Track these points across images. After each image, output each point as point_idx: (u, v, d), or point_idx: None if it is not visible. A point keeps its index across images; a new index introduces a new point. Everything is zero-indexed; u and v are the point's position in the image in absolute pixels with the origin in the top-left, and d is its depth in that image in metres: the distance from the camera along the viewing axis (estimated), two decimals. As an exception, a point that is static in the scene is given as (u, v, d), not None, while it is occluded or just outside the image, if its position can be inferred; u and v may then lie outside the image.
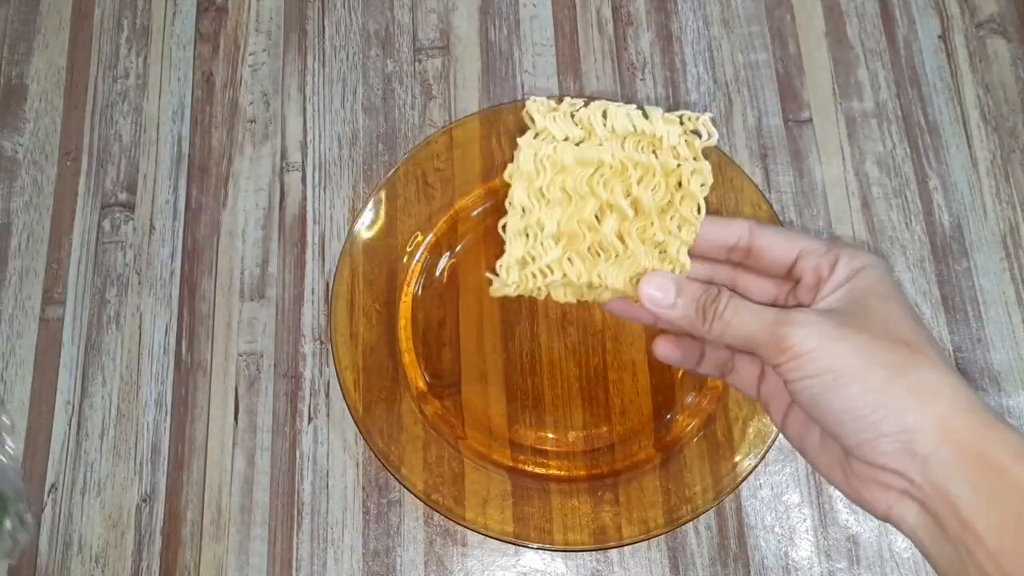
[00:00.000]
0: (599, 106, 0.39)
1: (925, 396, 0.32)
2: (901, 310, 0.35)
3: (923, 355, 0.33)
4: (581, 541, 0.54)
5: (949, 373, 0.33)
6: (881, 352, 0.33)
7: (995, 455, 0.31)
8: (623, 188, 0.39)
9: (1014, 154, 0.65)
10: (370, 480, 0.58)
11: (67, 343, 0.61)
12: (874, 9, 0.69)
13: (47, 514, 0.58)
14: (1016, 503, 0.30)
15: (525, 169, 0.40)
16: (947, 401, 0.32)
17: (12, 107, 0.67)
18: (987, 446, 0.31)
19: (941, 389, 0.32)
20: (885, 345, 0.33)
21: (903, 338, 0.34)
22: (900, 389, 0.32)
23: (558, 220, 0.39)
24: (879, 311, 0.35)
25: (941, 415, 0.32)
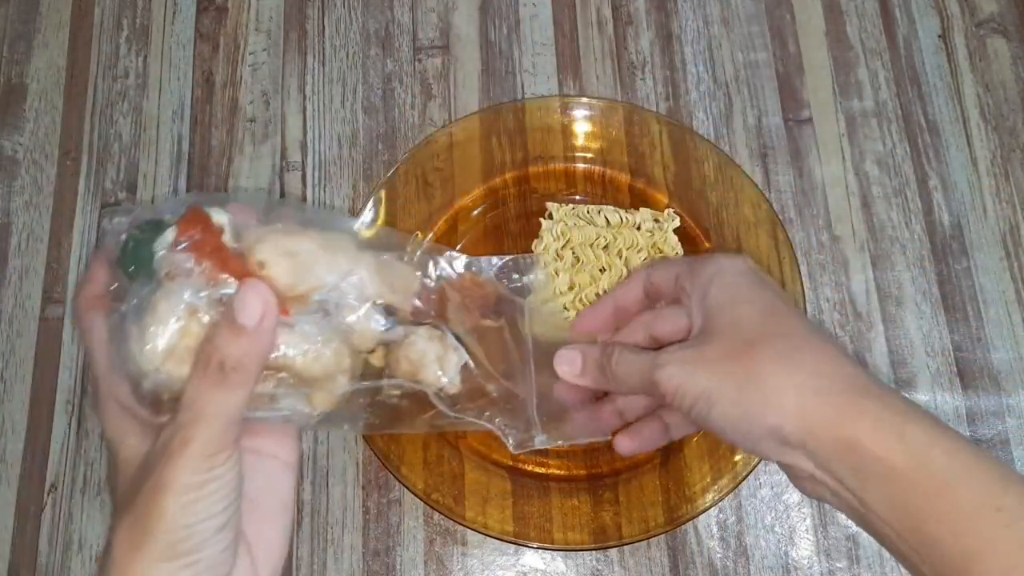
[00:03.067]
0: (597, 208, 0.59)
1: (774, 397, 0.34)
2: (749, 308, 0.37)
3: (766, 353, 0.35)
4: (581, 540, 0.54)
5: (797, 360, 0.35)
6: (729, 365, 0.35)
7: (857, 432, 0.32)
8: (616, 252, 0.57)
9: (1014, 153, 0.65)
10: (370, 480, 0.58)
11: (67, 343, 0.61)
12: (874, 8, 0.69)
13: (47, 514, 0.58)
14: (889, 479, 0.32)
15: (546, 239, 0.57)
16: (798, 395, 0.34)
17: (12, 107, 0.67)
18: (847, 423, 0.33)
19: (787, 386, 0.34)
20: (732, 357, 0.36)
21: (748, 339, 0.36)
22: (753, 397, 0.34)
23: (570, 274, 0.56)
24: (726, 319, 0.37)
25: (794, 411, 0.33)
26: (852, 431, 0.32)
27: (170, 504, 0.30)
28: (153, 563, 0.30)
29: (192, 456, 0.30)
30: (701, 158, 0.62)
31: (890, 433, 0.32)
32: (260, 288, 0.33)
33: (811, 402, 0.33)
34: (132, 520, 0.31)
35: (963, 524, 0.30)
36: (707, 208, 0.61)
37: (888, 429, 0.32)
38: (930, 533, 0.31)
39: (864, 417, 0.32)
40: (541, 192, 0.63)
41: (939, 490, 0.31)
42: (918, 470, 0.31)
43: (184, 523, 0.30)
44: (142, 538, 0.30)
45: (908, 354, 0.60)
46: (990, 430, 0.59)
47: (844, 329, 0.61)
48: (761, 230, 0.59)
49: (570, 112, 0.63)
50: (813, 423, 0.33)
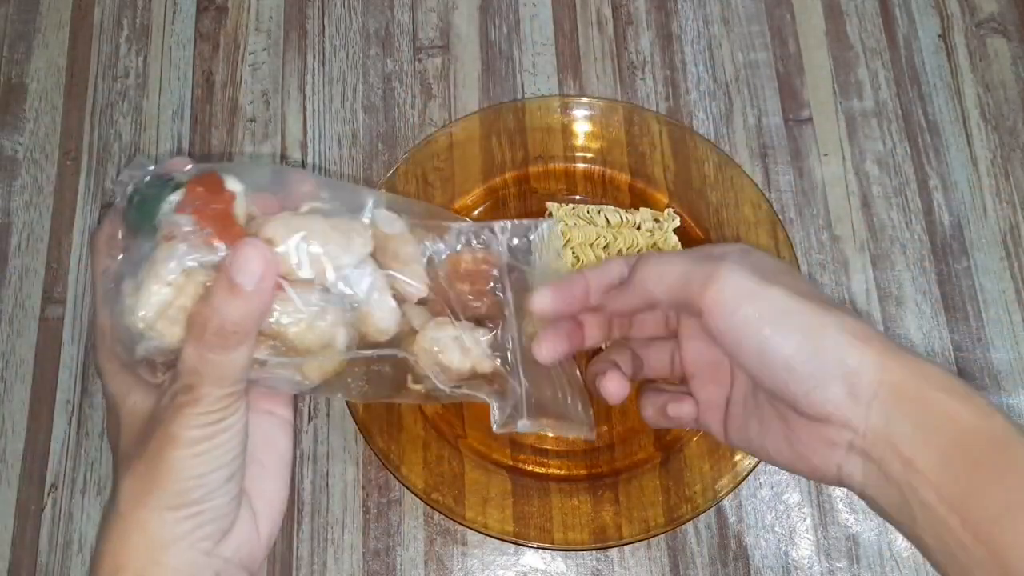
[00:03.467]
0: (597, 207, 0.60)
1: (859, 337, 0.33)
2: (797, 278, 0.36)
3: (842, 307, 0.34)
4: (581, 540, 0.54)
5: (863, 324, 0.34)
6: (807, 300, 0.33)
7: (927, 391, 0.32)
8: (616, 252, 0.58)
9: (1014, 153, 0.65)
10: (370, 480, 0.58)
11: (67, 342, 0.61)
12: (874, 8, 0.69)
13: (47, 514, 0.58)
14: (951, 433, 0.32)
15: None
16: (879, 343, 0.33)
17: (12, 106, 0.67)
18: (920, 383, 0.32)
19: (870, 332, 0.33)
20: (809, 295, 0.34)
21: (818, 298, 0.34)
22: (836, 331, 0.33)
23: None
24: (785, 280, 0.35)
25: (876, 356, 0.33)
26: (927, 387, 0.32)
27: (178, 456, 0.31)
28: (159, 511, 0.31)
29: (199, 412, 0.31)
30: (701, 158, 0.62)
31: (961, 395, 0.32)
32: (259, 246, 0.32)
33: (890, 353, 0.33)
34: (138, 472, 0.31)
35: (1013, 478, 0.31)
36: (707, 208, 0.61)
37: (959, 392, 0.32)
38: (978, 483, 0.31)
39: (935, 377, 0.33)
40: (541, 192, 0.63)
41: (997, 446, 0.31)
42: (983, 427, 0.32)
43: (192, 474, 0.31)
44: (149, 488, 0.31)
45: (908, 354, 0.60)
46: (990, 430, 0.59)
47: (844, 329, 0.61)
48: (761, 230, 0.59)
49: (570, 112, 0.63)
50: (893, 373, 0.32)
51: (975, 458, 0.31)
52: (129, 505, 0.31)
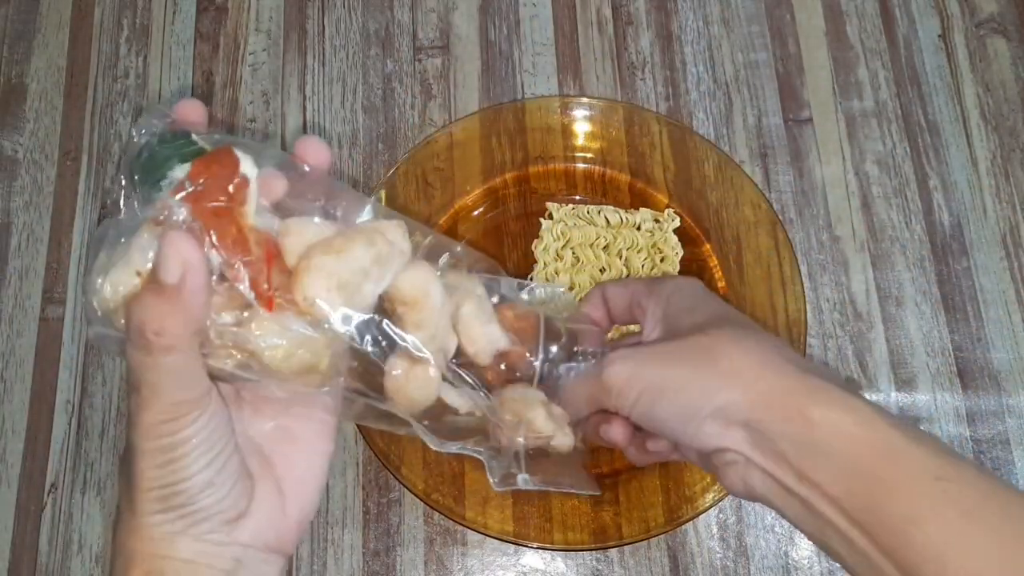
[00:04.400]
0: (597, 208, 0.61)
1: (728, 374, 0.35)
2: (705, 311, 0.39)
3: (721, 337, 0.36)
4: (581, 540, 0.54)
5: (751, 343, 0.36)
6: (684, 352, 0.36)
7: (806, 406, 0.33)
8: (616, 253, 0.59)
9: (1014, 153, 0.65)
10: (370, 480, 0.58)
11: (67, 343, 0.61)
12: (874, 9, 0.69)
13: (47, 514, 0.58)
14: (838, 447, 0.32)
15: (547, 240, 0.59)
16: (751, 371, 0.34)
17: (12, 107, 0.67)
18: (794, 400, 0.33)
19: (742, 363, 0.35)
20: (687, 345, 0.36)
21: (703, 330, 0.37)
22: (705, 374, 0.35)
23: (570, 274, 0.59)
24: (684, 321, 0.38)
25: (747, 386, 0.34)
26: (805, 403, 0.33)
27: (143, 467, 0.29)
28: (148, 516, 0.30)
29: (147, 423, 0.29)
30: (701, 158, 0.62)
31: (840, 406, 0.33)
32: (182, 243, 0.28)
33: (766, 376, 0.34)
34: (124, 474, 0.31)
35: (906, 489, 0.31)
36: (707, 208, 0.61)
37: (839, 402, 0.33)
38: (874, 497, 0.32)
39: (815, 391, 0.33)
40: (541, 192, 0.63)
41: (886, 457, 0.32)
42: (866, 438, 0.32)
43: (162, 483, 0.30)
44: (131, 496, 0.30)
45: (908, 354, 0.60)
46: (990, 430, 0.59)
47: (844, 329, 0.61)
48: (761, 230, 0.59)
49: (570, 112, 0.63)
50: (767, 396, 0.34)
51: (865, 471, 0.32)
52: (124, 510, 0.31)
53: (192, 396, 0.30)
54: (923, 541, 0.30)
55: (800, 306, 0.57)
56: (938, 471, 0.31)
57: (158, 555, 0.30)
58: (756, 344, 0.36)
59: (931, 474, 0.31)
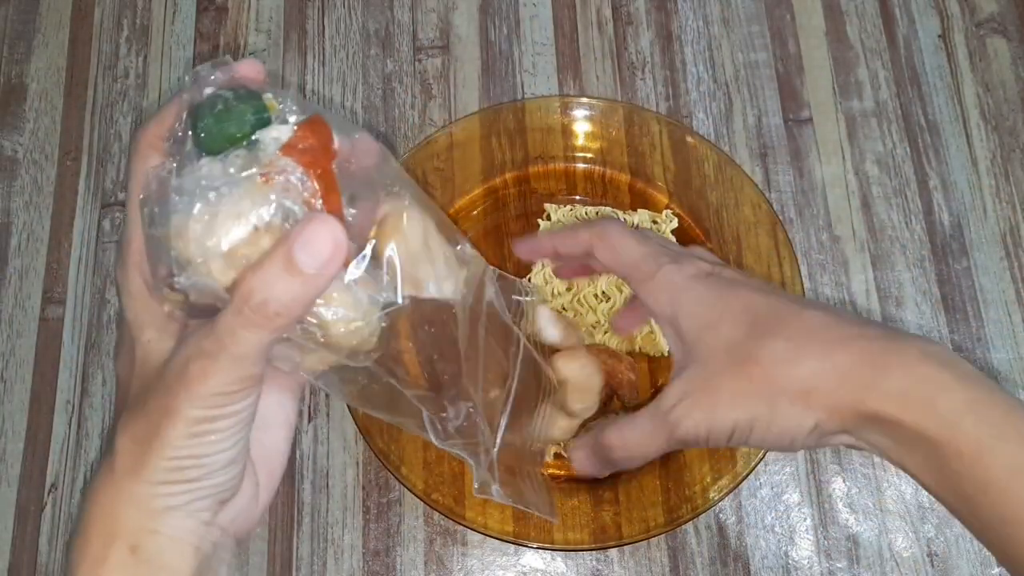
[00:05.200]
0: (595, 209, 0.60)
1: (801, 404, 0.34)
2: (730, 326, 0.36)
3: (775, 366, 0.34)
4: (581, 540, 0.54)
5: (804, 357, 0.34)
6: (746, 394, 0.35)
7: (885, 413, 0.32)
8: None
9: (1014, 153, 0.65)
10: (370, 480, 0.58)
11: (67, 343, 0.61)
12: (874, 8, 0.69)
13: (47, 514, 0.58)
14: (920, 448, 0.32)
15: None
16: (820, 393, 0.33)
17: (12, 106, 0.67)
18: (873, 406, 0.32)
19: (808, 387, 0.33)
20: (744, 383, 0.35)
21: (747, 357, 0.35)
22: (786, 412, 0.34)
23: None
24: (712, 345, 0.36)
25: (825, 407, 0.33)
26: (884, 408, 0.32)
27: (175, 434, 0.28)
28: (152, 485, 0.29)
29: (207, 392, 0.28)
30: (701, 158, 0.62)
31: (921, 405, 0.32)
32: (332, 225, 0.27)
33: (837, 393, 0.33)
34: (136, 435, 0.29)
35: (998, 491, 0.30)
36: (707, 208, 0.61)
37: (918, 402, 0.32)
38: (967, 497, 0.31)
39: (891, 394, 0.32)
40: (541, 192, 0.63)
41: (973, 457, 0.31)
42: (952, 439, 0.31)
43: (188, 454, 0.29)
44: (142, 460, 0.29)
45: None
46: (990, 430, 0.59)
47: (844, 329, 0.61)
48: (761, 230, 0.59)
49: (570, 112, 0.63)
50: (846, 412, 0.33)
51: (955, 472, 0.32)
52: (123, 470, 0.29)
53: (258, 372, 0.29)
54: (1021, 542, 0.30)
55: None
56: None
57: (146, 528, 0.29)
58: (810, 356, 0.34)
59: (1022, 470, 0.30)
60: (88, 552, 0.29)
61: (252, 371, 0.28)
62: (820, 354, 0.34)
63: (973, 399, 0.31)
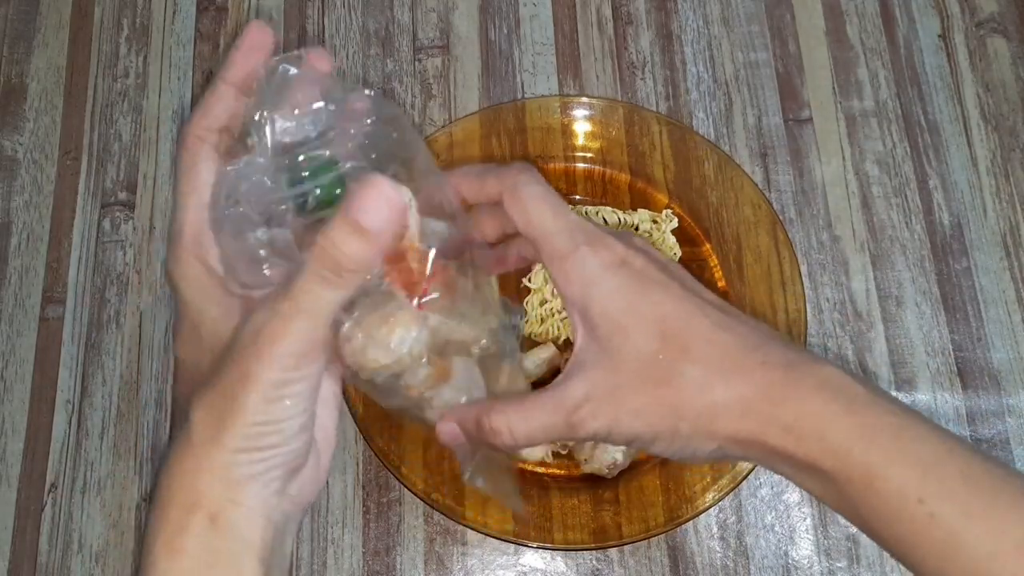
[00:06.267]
0: (595, 209, 0.61)
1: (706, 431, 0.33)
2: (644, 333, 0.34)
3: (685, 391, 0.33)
4: (581, 540, 0.54)
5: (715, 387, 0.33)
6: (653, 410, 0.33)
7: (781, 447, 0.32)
8: None
9: (1014, 153, 0.65)
10: (370, 479, 0.58)
11: (67, 342, 0.61)
12: (874, 8, 0.69)
13: (47, 513, 0.58)
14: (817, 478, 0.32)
15: None
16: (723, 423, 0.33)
17: (12, 106, 0.67)
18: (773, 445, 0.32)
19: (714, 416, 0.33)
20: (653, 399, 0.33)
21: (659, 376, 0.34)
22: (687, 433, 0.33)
23: None
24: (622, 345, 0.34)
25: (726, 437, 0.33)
26: (781, 444, 0.32)
27: (252, 399, 0.29)
28: (232, 453, 0.30)
29: (283, 353, 0.29)
30: (701, 158, 0.62)
31: (813, 439, 0.32)
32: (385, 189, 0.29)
33: (738, 425, 0.33)
34: (213, 405, 0.30)
35: (890, 518, 0.30)
36: (707, 208, 0.61)
37: (809, 436, 0.32)
38: (864, 521, 0.31)
39: (785, 429, 0.32)
40: (541, 192, 0.63)
41: (864, 484, 0.31)
42: (842, 469, 0.31)
43: (265, 419, 0.30)
44: (221, 427, 0.30)
45: (908, 354, 0.60)
46: (990, 430, 0.59)
47: (844, 329, 0.61)
48: (761, 230, 0.59)
49: (570, 112, 0.63)
50: (747, 444, 0.33)
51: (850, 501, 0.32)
52: (202, 440, 0.30)
53: (326, 336, 0.30)
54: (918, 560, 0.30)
55: (800, 306, 0.57)
56: (920, 491, 0.30)
57: (225, 498, 0.30)
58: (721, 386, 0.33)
59: (913, 497, 0.30)
60: (167, 521, 0.30)
61: (323, 332, 0.30)
62: (725, 385, 0.33)
63: (861, 425, 0.31)
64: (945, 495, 0.30)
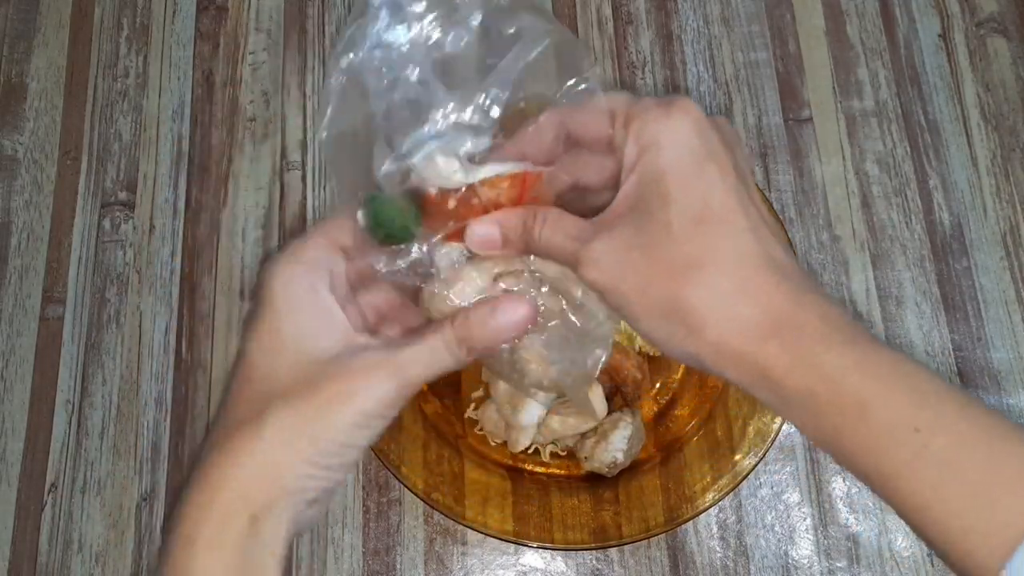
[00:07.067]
0: None
1: (695, 330, 0.32)
2: (683, 206, 0.33)
3: (693, 283, 0.32)
4: (581, 540, 0.54)
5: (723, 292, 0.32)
6: (656, 286, 0.33)
7: (769, 368, 0.31)
8: None
9: (1014, 153, 0.65)
10: (370, 479, 0.58)
11: (67, 342, 0.61)
12: (874, 8, 0.69)
13: (47, 513, 0.58)
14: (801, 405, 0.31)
15: None
16: (714, 331, 0.32)
17: (12, 106, 0.67)
18: (760, 365, 0.31)
19: (707, 320, 0.32)
20: (661, 276, 0.33)
21: (677, 258, 0.33)
22: (675, 323, 0.33)
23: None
24: (657, 213, 0.33)
25: (712, 346, 0.32)
26: (769, 364, 0.31)
27: (347, 420, 0.31)
28: (300, 464, 0.31)
29: (388, 389, 0.32)
30: (701, 158, 0.62)
31: (807, 363, 0.31)
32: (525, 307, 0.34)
33: (730, 340, 0.32)
34: (300, 413, 0.32)
35: (879, 448, 0.30)
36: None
37: (805, 360, 0.31)
38: (848, 455, 0.31)
39: (780, 350, 0.31)
40: (541, 192, 0.63)
41: (855, 414, 0.30)
42: (835, 398, 0.30)
43: (345, 441, 0.32)
44: (300, 436, 0.31)
45: (908, 353, 0.60)
46: (990, 430, 0.59)
47: (844, 329, 0.61)
48: (761, 230, 0.59)
49: (570, 112, 0.63)
50: (730, 358, 0.32)
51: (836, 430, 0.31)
52: (274, 445, 0.31)
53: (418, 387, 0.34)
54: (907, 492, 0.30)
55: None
56: (916, 420, 0.30)
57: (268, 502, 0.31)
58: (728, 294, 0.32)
59: (908, 425, 0.30)
60: (212, 513, 0.31)
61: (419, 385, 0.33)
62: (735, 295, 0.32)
63: (860, 359, 0.31)
64: (940, 427, 0.29)
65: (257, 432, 0.31)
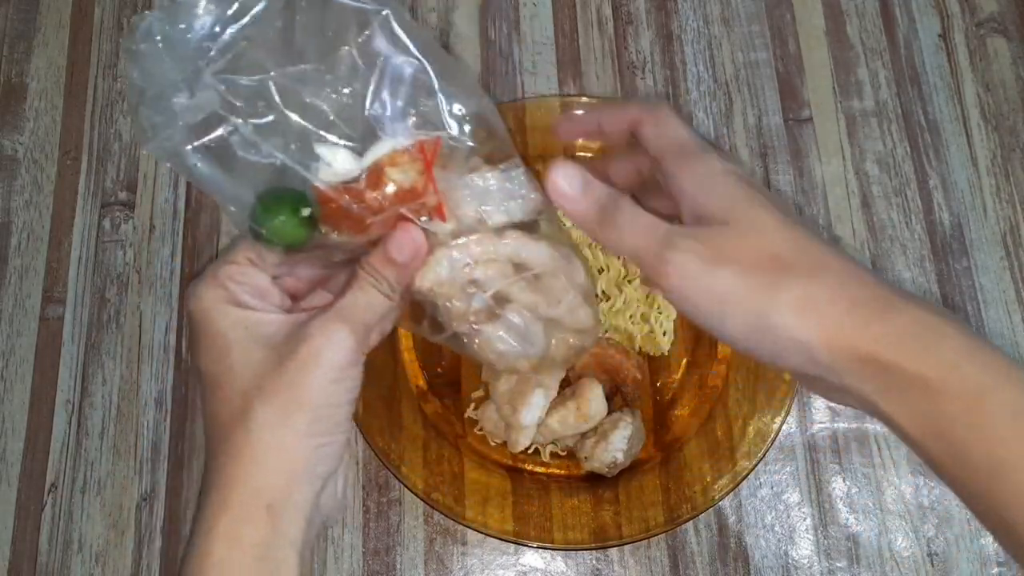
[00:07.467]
0: None
1: (804, 310, 0.32)
2: (768, 213, 0.34)
3: (794, 268, 0.33)
4: (581, 540, 0.54)
5: (824, 277, 0.33)
6: (755, 273, 0.33)
7: (879, 353, 0.31)
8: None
9: (1014, 153, 0.65)
10: (370, 479, 0.58)
11: (67, 342, 0.61)
12: (874, 8, 0.69)
13: (47, 513, 0.58)
14: (910, 392, 0.31)
15: None
16: (826, 309, 0.32)
17: (12, 106, 0.67)
18: (871, 346, 0.31)
19: (817, 298, 0.32)
20: (759, 265, 0.33)
21: (775, 251, 0.33)
22: (782, 309, 0.32)
23: None
24: (747, 221, 0.34)
25: (823, 325, 0.32)
26: (881, 347, 0.31)
27: (318, 381, 0.33)
28: (300, 437, 0.32)
29: (345, 338, 0.33)
30: (701, 158, 0.62)
31: (920, 347, 0.31)
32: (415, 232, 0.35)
33: (838, 318, 0.32)
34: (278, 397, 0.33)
35: (994, 433, 0.30)
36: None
37: (918, 343, 0.31)
38: (957, 442, 0.30)
39: (893, 333, 0.31)
40: (541, 192, 0.63)
41: (970, 400, 0.30)
42: (949, 381, 0.30)
43: (328, 401, 0.33)
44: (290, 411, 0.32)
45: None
46: (990, 430, 0.59)
47: (844, 329, 0.61)
48: (761, 230, 0.59)
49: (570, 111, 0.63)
50: (840, 341, 0.32)
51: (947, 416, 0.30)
52: (268, 429, 0.32)
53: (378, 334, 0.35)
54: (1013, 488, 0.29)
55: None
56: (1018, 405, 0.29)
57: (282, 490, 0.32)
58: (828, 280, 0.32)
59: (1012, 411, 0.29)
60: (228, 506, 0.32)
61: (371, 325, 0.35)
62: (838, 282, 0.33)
63: (974, 348, 0.31)
64: None
65: (246, 425, 0.32)
